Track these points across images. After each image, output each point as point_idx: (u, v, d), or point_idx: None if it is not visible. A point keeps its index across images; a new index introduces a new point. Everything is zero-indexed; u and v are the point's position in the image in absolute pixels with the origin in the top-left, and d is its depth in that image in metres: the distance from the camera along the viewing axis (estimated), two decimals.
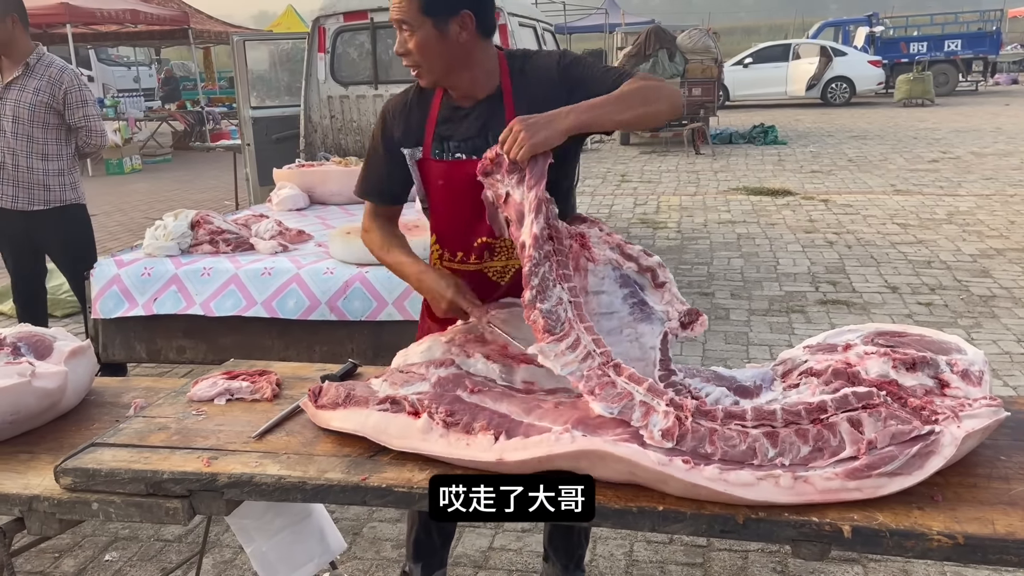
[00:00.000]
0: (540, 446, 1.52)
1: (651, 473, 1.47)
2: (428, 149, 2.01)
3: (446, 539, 2.50)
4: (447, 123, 2.00)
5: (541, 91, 1.93)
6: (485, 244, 2.02)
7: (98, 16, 13.75)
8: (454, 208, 2.03)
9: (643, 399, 1.57)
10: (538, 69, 1.98)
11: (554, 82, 1.94)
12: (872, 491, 1.43)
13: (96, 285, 3.68)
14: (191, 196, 11.06)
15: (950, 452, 1.45)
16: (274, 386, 2.06)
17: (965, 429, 1.47)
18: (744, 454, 1.48)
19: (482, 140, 1.95)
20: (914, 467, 1.44)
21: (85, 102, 4.03)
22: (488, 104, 1.97)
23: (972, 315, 5.20)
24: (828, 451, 1.49)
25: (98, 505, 1.67)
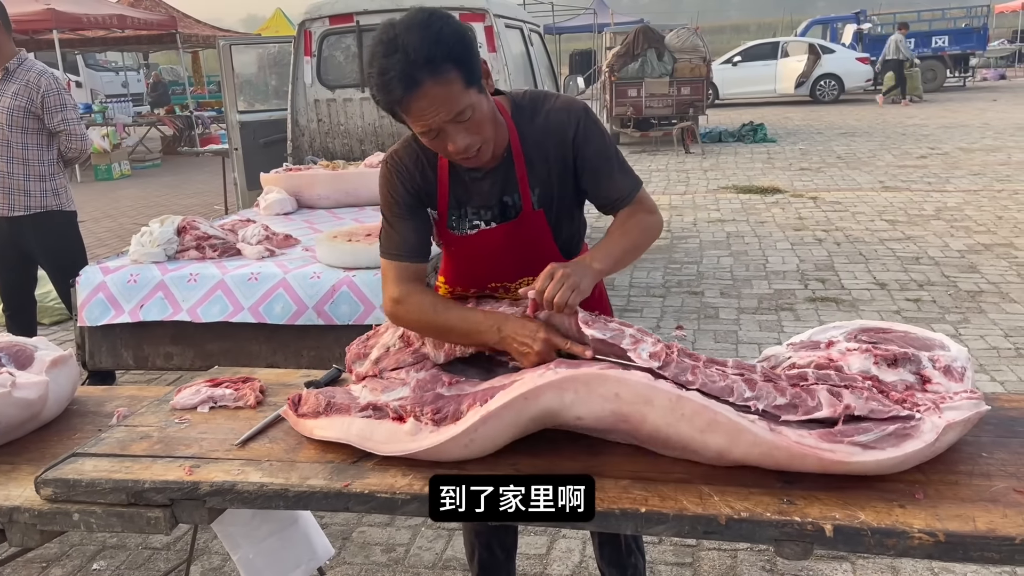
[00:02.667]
0: (525, 383, 1.54)
1: (636, 391, 1.49)
2: (443, 214, 1.91)
3: (509, 552, 2.43)
4: (462, 186, 1.88)
5: (551, 156, 1.85)
6: (500, 286, 2.00)
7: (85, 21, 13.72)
8: (466, 267, 2.00)
9: (632, 333, 1.64)
10: (551, 128, 1.85)
11: (566, 149, 1.85)
12: (845, 456, 1.44)
13: (82, 293, 3.66)
14: (180, 201, 11.04)
15: (929, 438, 1.46)
16: (258, 393, 2.05)
17: (946, 419, 1.48)
18: (722, 390, 1.54)
19: (499, 209, 1.90)
20: (888, 444, 1.45)
21: (63, 106, 4.01)
22: (502, 168, 1.86)
23: (960, 310, 5.22)
24: (803, 408, 1.53)
25: (79, 516, 1.66)
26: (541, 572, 2.79)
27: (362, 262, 3.46)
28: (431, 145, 1.74)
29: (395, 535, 3.04)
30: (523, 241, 1.92)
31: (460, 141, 1.69)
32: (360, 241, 3.58)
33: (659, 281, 6.20)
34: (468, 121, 1.68)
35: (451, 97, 1.64)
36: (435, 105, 1.63)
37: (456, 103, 1.65)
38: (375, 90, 1.65)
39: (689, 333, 5.04)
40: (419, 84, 1.60)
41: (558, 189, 1.90)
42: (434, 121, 1.66)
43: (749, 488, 1.50)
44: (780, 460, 1.48)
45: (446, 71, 1.62)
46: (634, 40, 14.41)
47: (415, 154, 1.87)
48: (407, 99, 1.62)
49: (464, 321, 1.79)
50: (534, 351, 1.67)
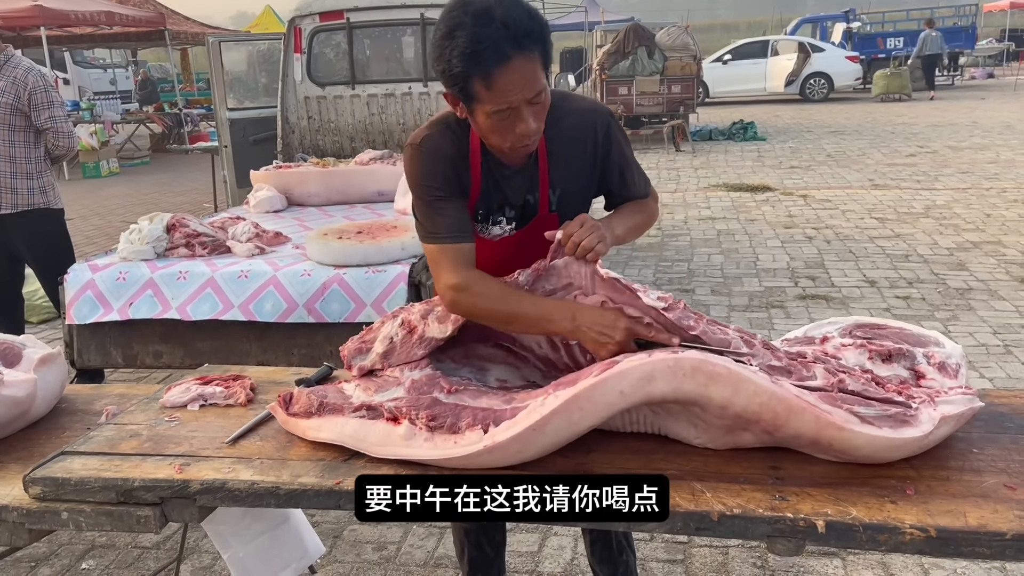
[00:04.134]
0: (530, 416, 1.52)
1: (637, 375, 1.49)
2: (471, 209, 1.87)
3: (498, 548, 2.43)
4: (493, 182, 1.85)
5: (575, 156, 1.85)
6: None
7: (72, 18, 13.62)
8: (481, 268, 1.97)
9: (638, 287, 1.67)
10: (576, 129, 1.84)
11: (589, 151, 1.86)
12: (841, 421, 1.44)
13: (70, 291, 3.64)
14: (169, 199, 10.98)
15: (927, 428, 1.47)
16: (248, 391, 2.04)
17: (941, 412, 1.48)
18: (721, 341, 1.58)
19: (522, 208, 1.89)
20: (886, 424, 1.46)
21: (51, 103, 3.99)
22: (529, 167, 1.85)
23: (949, 308, 5.25)
24: (797, 375, 1.55)
25: (68, 514, 1.65)
26: (532, 570, 2.79)
27: (353, 260, 3.44)
28: (497, 127, 1.68)
29: (386, 533, 3.03)
30: (535, 243, 1.90)
31: (532, 123, 1.67)
32: (351, 239, 3.57)
33: (650, 278, 6.20)
34: (539, 104, 1.68)
35: (536, 75, 1.63)
36: (523, 81, 1.61)
37: (538, 82, 1.64)
38: (458, 59, 1.59)
39: None
40: (511, 57, 1.59)
41: (577, 190, 1.90)
42: (516, 98, 1.63)
43: (741, 485, 1.50)
44: (779, 413, 1.47)
45: (535, 48, 1.62)
46: (625, 38, 14.42)
47: (452, 140, 1.81)
48: (496, 71, 1.59)
49: (536, 308, 1.71)
50: (615, 341, 1.61)
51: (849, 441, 1.46)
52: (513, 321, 1.76)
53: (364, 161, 5.32)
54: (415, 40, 5.92)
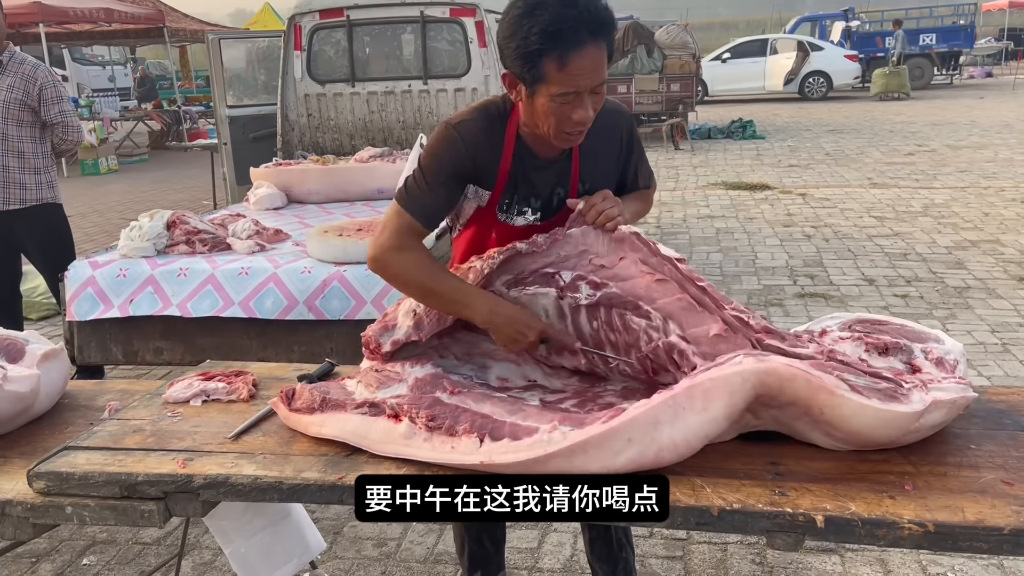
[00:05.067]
0: (533, 448, 1.50)
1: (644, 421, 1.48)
2: (497, 196, 1.90)
3: (498, 544, 2.44)
4: (523, 172, 1.88)
5: (604, 153, 1.94)
6: None
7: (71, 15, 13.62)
8: None
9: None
10: (606, 128, 1.90)
11: (616, 149, 1.96)
12: (832, 385, 1.46)
13: (71, 287, 3.64)
14: (168, 196, 10.98)
15: (917, 408, 1.48)
16: (250, 387, 2.05)
17: (933, 396, 1.50)
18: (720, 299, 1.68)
19: (550, 199, 1.93)
20: (874, 395, 1.48)
21: (60, 98, 4.03)
22: (559, 163, 1.90)
23: (947, 306, 5.26)
24: (789, 341, 1.60)
25: (72, 509, 1.66)
26: (532, 566, 2.80)
27: (353, 257, 3.45)
28: (556, 111, 1.71)
29: (386, 530, 3.04)
30: None
31: (590, 110, 1.73)
32: (351, 236, 3.58)
33: None
34: (599, 96, 1.74)
35: (603, 65, 1.69)
36: (592, 67, 1.67)
37: (603, 72, 1.70)
38: (537, 36, 1.63)
39: None
40: (585, 43, 1.64)
41: (604, 185, 1.94)
42: (583, 83, 1.68)
43: (741, 480, 1.51)
44: (772, 385, 1.49)
45: (607, 39, 1.68)
46: (624, 36, 14.42)
47: (488, 127, 1.85)
48: (571, 53, 1.64)
49: (456, 291, 1.78)
50: (528, 341, 1.75)
51: (839, 408, 1.47)
52: (431, 296, 1.81)
53: (364, 159, 5.33)
54: (415, 38, 5.93)
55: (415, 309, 1.87)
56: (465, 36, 5.66)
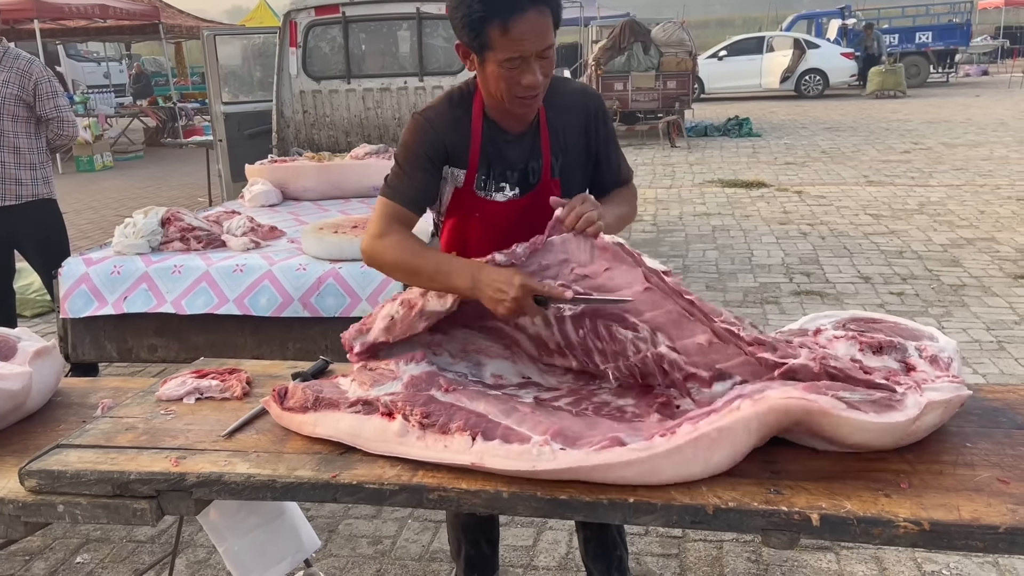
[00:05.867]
0: (522, 459, 1.51)
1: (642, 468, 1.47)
2: (472, 174, 1.94)
3: (494, 546, 2.49)
4: (493, 147, 1.94)
5: (571, 130, 1.97)
6: None
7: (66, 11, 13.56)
8: (483, 238, 1.99)
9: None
10: (571, 105, 1.97)
11: (583, 124, 1.98)
12: (829, 406, 1.46)
13: (64, 284, 3.62)
14: (164, 193, 10.95)
15: (912, 413, 1.47)
16: (244, 384, 2.04)
17: (927, 398, 1.49)
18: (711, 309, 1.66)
19: (524, 173, 1.96)
20: (872, 409, 1.48)
21: (56, 93, 4.02)
22: (529, 135, 1.95)
23: (943, 304, 5.27)
24: (782, 351, 1.59)
25: (64, 507, 1.65)
26: (528, 564, 2.79)
27: (348, 254, 3.44)
28: (505, 77, 1.77)
29: (381, 527, 3.03)
30: (539, 213, 1.93)
31: (539, 76, 1.77)
32: (346, 233, 3.57)
33: None
34: (547, 60, 1.78)
35: (547, 30, 1.75)
36: (535, 32, 1.72)
37: (548, 37, 1.75)
38: (479, 4, 1.70)
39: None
40: (527, 8, 1.70)
41: (576, 158, 2.00)
42: (526, 48, 1.73)
43: (736, 478, 1.50)
44: (771, 422, 1.50)
45: (549, 5, 1.74)
46: (620, 34, 14.41)
47: (453, 110, 1.93)
48: (512, 19, 1.70)
49: (439, 264, 1.79)
50: (510, 297, 1.66)
51: (838, 427, 1.48)
52: (418, 274, 1.81)
53: (359, 155, 5.32)
54: (411, 34, 5.91)
55: (392, 315, 1.87)
56: None
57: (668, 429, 1.50)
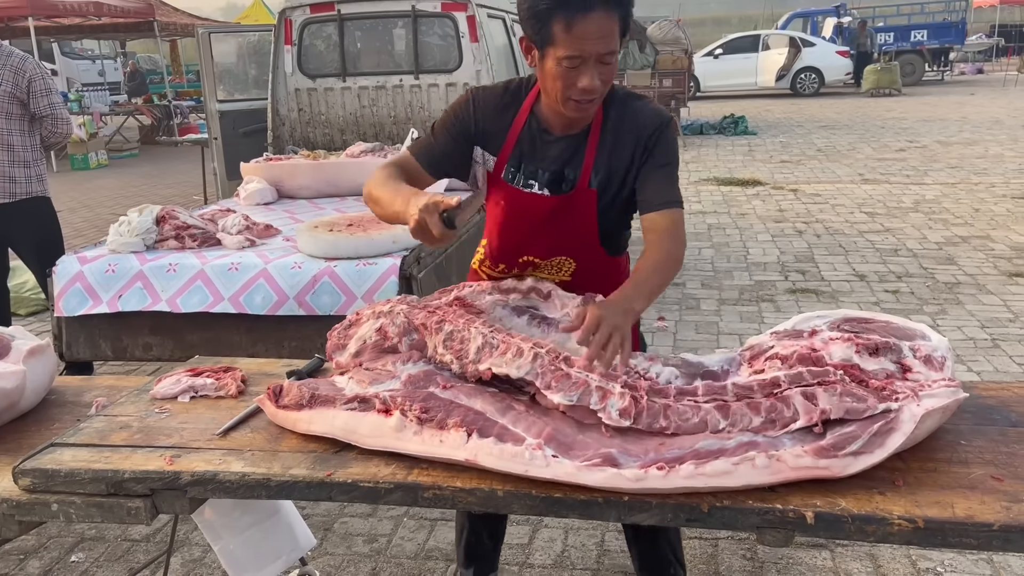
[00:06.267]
0: (515, 461, 1.51)
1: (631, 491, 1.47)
2: (502, 163, 1.94)
3: (496, 541, 2.44)
4: (530, 143, 1.92)
5: (623, 150, 1.89)
6: (530, 262, 2.01)
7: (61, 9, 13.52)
8: (507, 228, 1.99)
9: (599, 384, 1.63)
10: (636, 124, 1.88)
11: (636, 146, 1.88)
12: (840, 470, 1.45)
13: (59, 283, 3.62)
14: (159, 191, 10.93)
15: (910, 428, 1.47)
16: (239, 383, 2.04)
17: (924, 407, 1.49)
18: (696, 426, 1.57)
19: (558, 176, 1.92)
20: (876, 445, 1.47)
21: (49, 90, 4.01)
22: (574, 141, 1.90)
23: (937, 302, 5.28)
24: (780, 422, 1.54)
25: (58, 506, 1.64)
26: (523, 561, 2.79)
27: (343, 252, 3.44)
28: (563, 75, 1.74)
29: (377, 526, 3.03)
30: (569, 217, 1.92)
31: (596, 80, 1.74)
32: (342, 231, 3.56)
33: None
34: (607, 66, 1.75)
35: (611, 35, 1.71)
36: (598, 33, 1.69)
37: (612, 42, 1.72)
38: None
39: (671, 324, 5.06)
40: (594, 8, 1.67)
41: (618, 181, 1.91)
42: (589, 49, 1.70)
43: None
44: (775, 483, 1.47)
45: (616, 11, 1.70)
46: None
47: (503, 96, 1.94)
48: (579, 16, 1.67)
49: (390, 192, 1.77)
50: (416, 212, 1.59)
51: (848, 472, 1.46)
52: (376, 202, 1.81)
53: (355, 154, 5.31)
54: (406, 32, 5.90)
55: (365, 338, 1.89)
56: (456, 31, 5.64)
57: (667, 462, 1.47)
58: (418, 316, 1.87)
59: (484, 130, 1.93)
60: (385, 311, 1.91)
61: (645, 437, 1.58)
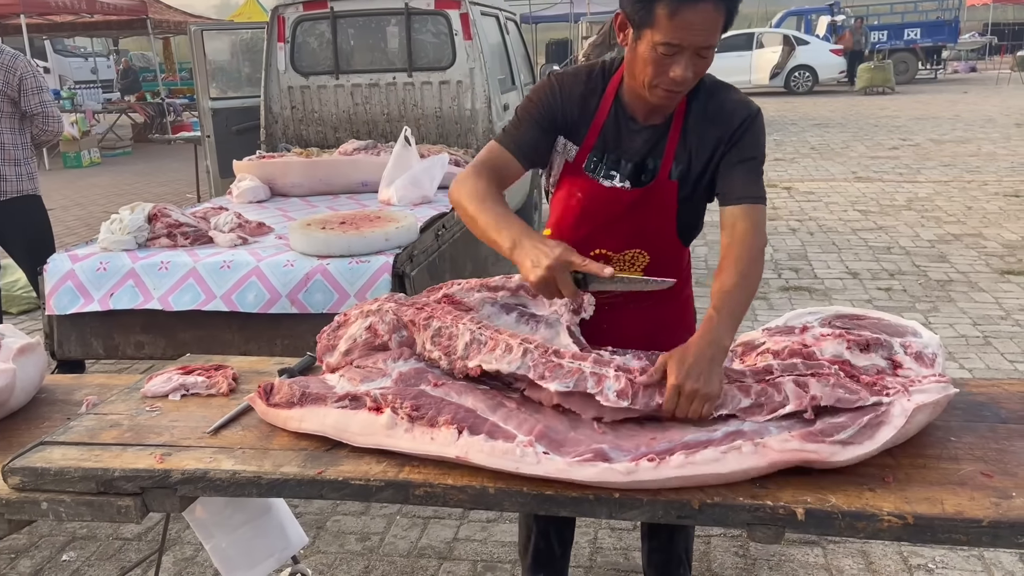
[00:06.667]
0: (505, 458, 1.50)
1: (623, 484, 1.47)
2: (584, 153, 1.86)
3: (566, 548, 2.34)
4: (615, 132, 1.84)
5: (707, 141, 1.82)
6: (602, 256, 1.91)
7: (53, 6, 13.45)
8: (581, 220, 1.91)
9: (593, 370, 1.63)
10: (722, 114, 1.81)
11: (721, 137, 1.81)
12: (828, 455, 1.45)
13: (49, 281, 3.60)
14: (151, 189, 10.89)
15: (900, 422, 1.48)
16: (230, 381, 2.03)
17: (915, 402, 1.50)
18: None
19: (640, 167, 1.85)
20: (865, 437, 1.47)
21: (40, 88, 4.00)
22: (656, 131, 1.83)
23: (930, 299, 5.29)
24: (769, 406, 1.55)
25: (47, 504, 1.64)
26: (515, 559, 2.79)
27: (336, 250, 3.43)
28: (655, 61, 1.66)
29: (370, 524, 3.03)
30: (648, 209, 1.87)
31: (689, 71, 1.66)
32: (334, 229, 3.56)
33: None
34: (703, 60, 1.68)
35: (715, 28, 1.64)
36: (703, 26, 1.62)
37: (714, 36, 1.65)
38: None
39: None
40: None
41: (698, 172, 1.86)
42: (689, 39, 1.63)
43: None
44: (768, 468, 1.48)
45: (726, 3, 1.63)
46: (610, 30, 14.40)
47: (586, 81, 1.86)
48: (687, 4, 1.59)
49: (494, 218, 1.70)
50: (544, 266, 1.55)
51: (836, 464, 1.47)
52: (473, 222, 1.76)
53: (348, 151, 5.30)
54: (399, 30, 5.89)
55: (356, 337, 1.88)
56: (450, 28, 5.63)
57: (658, 454, 1.47)
58: (407, 313, 1.86)
59: (569, 118, 1.85)
60: (373, 310, 1.90)
61: (637, 433, 1.58)
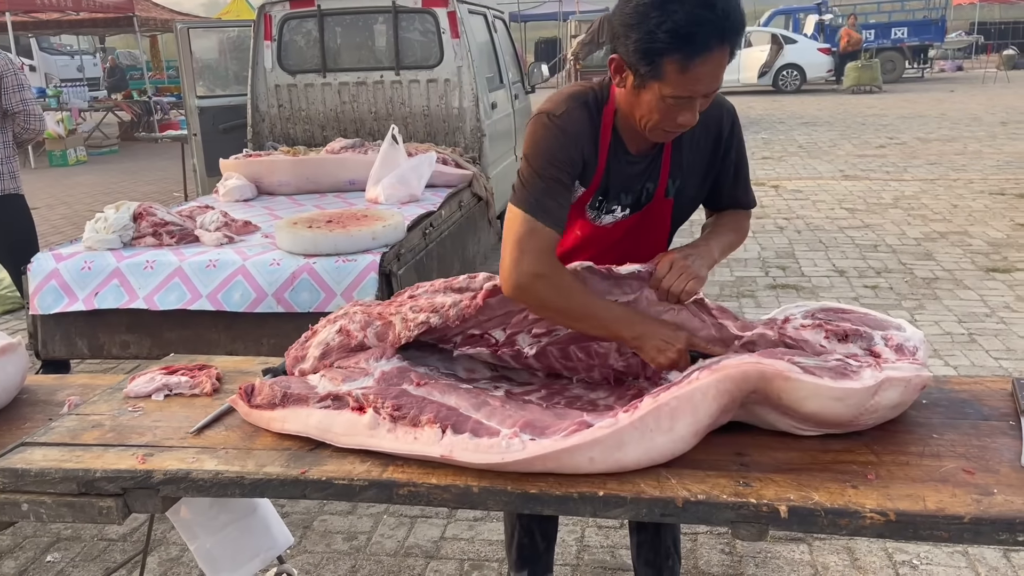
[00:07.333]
0: (491, 452, 1.50)
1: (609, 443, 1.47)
2: (590, 194, 1.81)
3: (549, 542, 2.37)
4: (617, 168, 1.79)
5: (698, 146, 1.81)
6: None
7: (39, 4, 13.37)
8: (577, 251, 1.90)
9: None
10: (706, 124, 1.76)
11: (712, 143, 1.82)
12: (785, 370, 1.48)
13: (33, 280, 3.58)
14: (138, 188, 10.83)
15: (869, 383, 1.49)
16: (214, 380, 2.02)
17: (886, 374, 1.51)
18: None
19: (638, 196, 1.84)
20: (827, 374, 1.50)
21: (21, 86, 3.97)
22: (650, 157, 1.81)
23: (916, 297, 5.32)
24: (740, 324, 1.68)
25: (28, 506, 1.62)
26: (502, 558, 2.79)
27: (322, 249, 3.42)
28: (663, 111, 1.61)
29: (356, 523, 3.02)
30: (644, 228, 1.88)
31: (697, 114, 1.64)
32: (321, 228, 3.55)
33: None
34: (708, 99, 1.65)
35: (723, 70, 1.60)
36: (713, 73, 1.57)
37: (722, 77, 1.62)
38: (666, 34, 1.51)
39: None
40: (713, 49, 1.54)
41: (693, 183, 1.86)
42: (702, 89, 1.58)
43: (706, 471, 1.51)
44: (730, 389, 1.51)
45: (731, 44, 1.57)
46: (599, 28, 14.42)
47: (587, 119, 1.74)
48: (699, 58, 1.53)
49: (606, 311, 1.68)
50: (675, 349, 1.66)
51: (795, 391, 1.48)
52: (583, 320, 1.70)
53: (335, 150, 5.28)
54: (387, 28, 5.87)
55: (328, 341, 1.87)
56: (437, 27, 5.62)
57: (632, 406, 1.52)
58: (376, 309, 1.86)
59: (581, 160, 1.74)
60: (340, 315, 1.90)
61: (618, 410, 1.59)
